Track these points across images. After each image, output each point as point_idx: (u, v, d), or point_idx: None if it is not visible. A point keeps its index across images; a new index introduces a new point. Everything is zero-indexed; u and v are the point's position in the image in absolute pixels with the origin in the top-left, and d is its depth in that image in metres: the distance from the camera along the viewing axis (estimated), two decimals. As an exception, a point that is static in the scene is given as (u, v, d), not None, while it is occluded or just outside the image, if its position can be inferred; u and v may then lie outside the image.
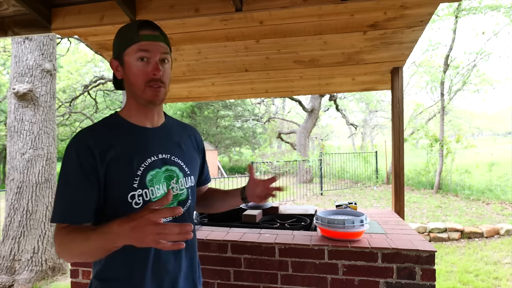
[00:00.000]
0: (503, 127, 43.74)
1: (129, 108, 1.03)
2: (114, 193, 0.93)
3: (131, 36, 0.96)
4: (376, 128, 25.51)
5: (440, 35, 37.05)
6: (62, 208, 0.90)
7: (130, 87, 1.00)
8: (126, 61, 0.98)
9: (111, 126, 0.99)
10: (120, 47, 0.99)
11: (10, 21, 1.99)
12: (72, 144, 0.92)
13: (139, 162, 0.96)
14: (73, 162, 0.90)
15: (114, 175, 0.92)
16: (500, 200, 7.38)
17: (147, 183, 0.96)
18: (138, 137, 1.00)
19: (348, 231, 1.61)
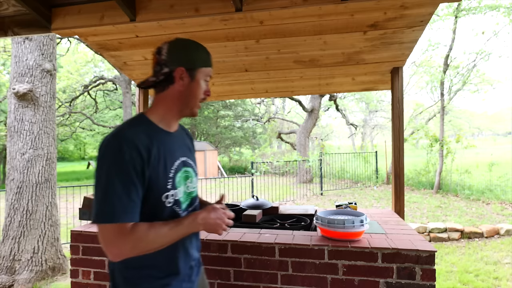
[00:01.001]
0: (503, 127, 43.74)
1: (161, 113, 1.08)
2: (153, 193, 0.99)
3: (208, 60, 1.11)
4: (376, 128, 25.50)
5: (440, 35, 37.05)
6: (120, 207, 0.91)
7: (186, 99, 1.08)
8: (197, 77, 1.08)
9: (146, 129, 1.02)
10: (197, 62, 1.08)
11: (10, 21, 1.99)
12: (121, 144, 0.94)
13: (170, 165, 1.05)
14: (125, 162, 0.92)
15: (154, 177, 0.99)
16: (500, 200, 7.38)
17: (176, 184, 1.06)
18: (166, 141, 1.06)
19: (348, 231, 1.61)
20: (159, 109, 1.08)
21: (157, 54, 1.08)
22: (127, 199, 0.92)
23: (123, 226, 0.92)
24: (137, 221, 0.96)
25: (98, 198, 0.92)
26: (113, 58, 2.30)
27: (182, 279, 1.09)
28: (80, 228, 1.97)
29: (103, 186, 0.92)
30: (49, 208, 3.97)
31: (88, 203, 2.13)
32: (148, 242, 0.95)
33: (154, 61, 1.09)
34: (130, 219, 0.93)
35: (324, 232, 1.70)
